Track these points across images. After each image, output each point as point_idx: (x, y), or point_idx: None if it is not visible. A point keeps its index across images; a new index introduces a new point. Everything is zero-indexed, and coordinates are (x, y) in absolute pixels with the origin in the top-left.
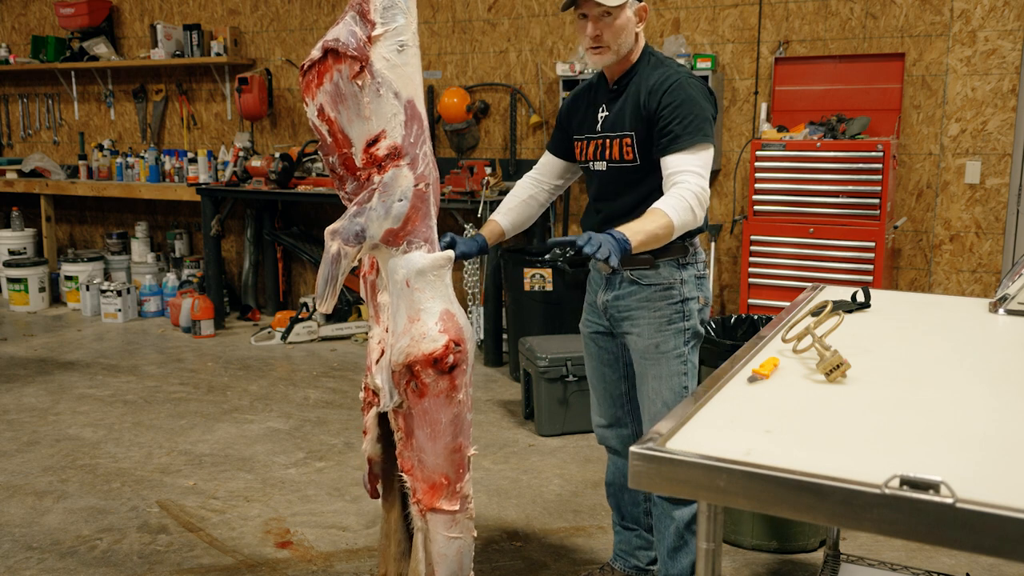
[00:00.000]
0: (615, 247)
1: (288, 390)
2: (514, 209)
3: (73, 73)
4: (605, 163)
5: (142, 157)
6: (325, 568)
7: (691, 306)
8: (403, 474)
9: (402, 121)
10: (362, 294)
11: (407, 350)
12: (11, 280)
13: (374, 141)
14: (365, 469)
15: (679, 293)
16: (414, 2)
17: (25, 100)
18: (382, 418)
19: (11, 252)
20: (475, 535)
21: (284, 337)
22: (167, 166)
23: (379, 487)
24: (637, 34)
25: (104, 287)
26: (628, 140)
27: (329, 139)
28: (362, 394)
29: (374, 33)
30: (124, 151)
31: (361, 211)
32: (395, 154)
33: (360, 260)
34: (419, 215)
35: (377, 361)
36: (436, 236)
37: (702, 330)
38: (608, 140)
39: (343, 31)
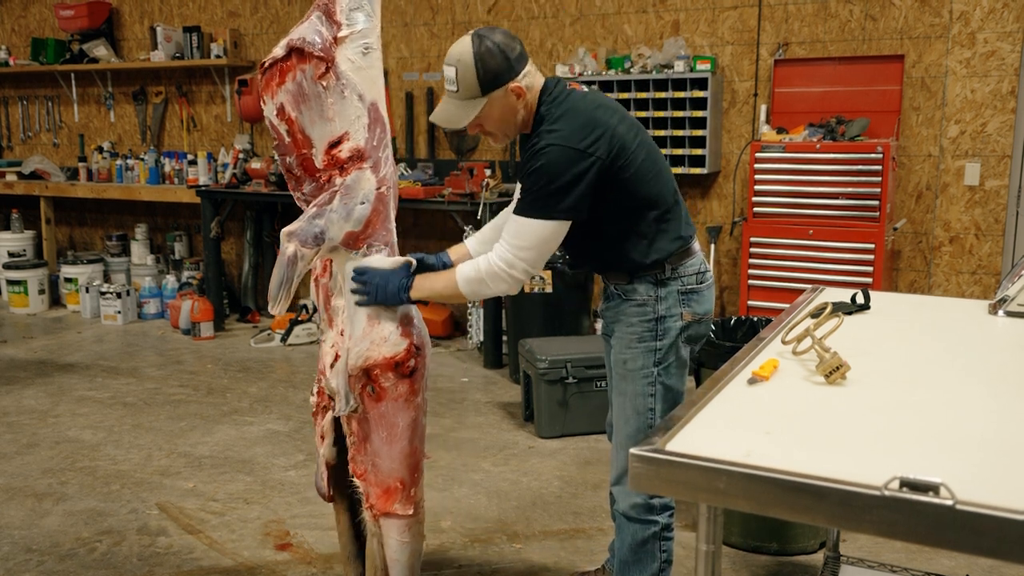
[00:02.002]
0: (389, 295)
1: (288, 392)
2: (487, 232)
3: (73, 75)
4: None
5: (142, 159)
6: (324, 570)
7: (668, 324)
8: (355, 479)
9: (365, 124)
10: (313, 297)
11: (366, 354)
12: (11, 282)
13: (337, 143)
14: (321, 474)
15: (653, 311)
16: (379, 5)
17: (25, 102)
18: (336, 422)
19: (11, 254)
20: (426, 540)
21: (284, 339)
22: (167, 168)
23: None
24: (526, 102)
25: (104, 289)
26: None
27: (288, 139)
28: (314, 399)
29: (340, 34)
30: (124, 153)
31: (320, 213)
32: (357, 156)
33: (314, 263)
34: (379, 218)
35: (331, 365)
36: (395, 239)
37: (683, 350)
38: None
39: (309, 30)
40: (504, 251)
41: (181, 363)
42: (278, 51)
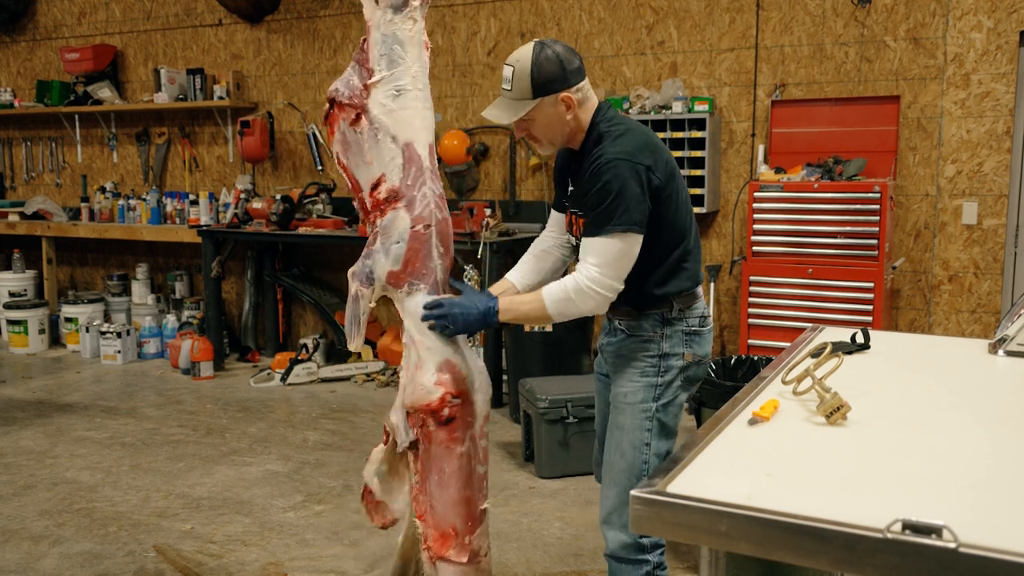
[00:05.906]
0: (474, 322)
1: (287, 432)
2: (526, 263)
3: (77, 117)
4: (575, 239)
5: (144, 199)
6: None
7: (671, 363)
8: (416, 519)
9: (400, 164)
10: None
11: (410, 398)
12: (11, 322)
13: (376, 185)
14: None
15: (658, 348)
16: (415, 50)
17: (29, 143)
18: (386, 452)
19: (12, 294)
20: None
21: (283, 379)
22: (169, 208)
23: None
24: (576, 115)
25: (104, 329)
26: (583, 221)
27: (349, 184)
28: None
29: (371, 81)
30: (126, 193)
31: (369, 253)
32: (393, 197)
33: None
34: (419, 257)
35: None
36: (440, 277)
37: (682, 390)
38: (575, 216)
39: (341, 81)
40: (589, 270)
41: (180, 403)
42: (326, 104)
